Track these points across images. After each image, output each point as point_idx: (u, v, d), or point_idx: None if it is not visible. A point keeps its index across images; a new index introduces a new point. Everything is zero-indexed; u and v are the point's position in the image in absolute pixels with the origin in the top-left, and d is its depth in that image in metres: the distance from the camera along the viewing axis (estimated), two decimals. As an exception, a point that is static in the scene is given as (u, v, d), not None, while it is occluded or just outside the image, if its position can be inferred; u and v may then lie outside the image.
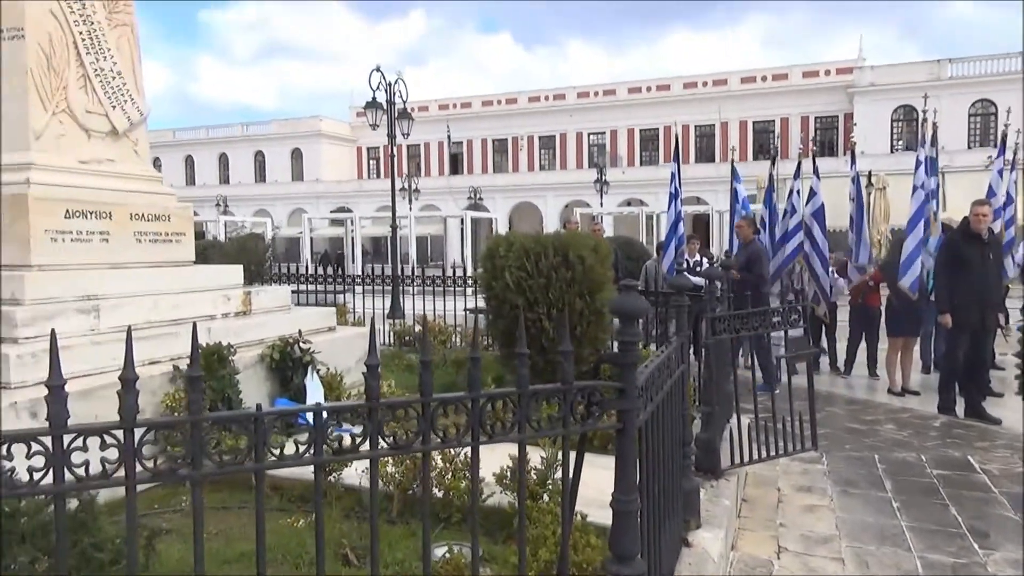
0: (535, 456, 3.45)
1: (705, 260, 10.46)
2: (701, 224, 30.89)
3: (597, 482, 2.84)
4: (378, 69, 17.32)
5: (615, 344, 2.35)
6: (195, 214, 6.81)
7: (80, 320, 4.72)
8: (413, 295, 11.63)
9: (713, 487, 4.52)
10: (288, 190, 54.05)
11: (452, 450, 3.77)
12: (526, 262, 6.18)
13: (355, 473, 3.85)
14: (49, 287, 4.73)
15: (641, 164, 49.40)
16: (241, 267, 6.71)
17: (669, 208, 10.90)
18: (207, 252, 9.96)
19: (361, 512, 3.89)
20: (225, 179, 58.16)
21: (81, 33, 5.23)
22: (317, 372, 5.70)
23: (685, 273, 9.41)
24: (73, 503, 2.74)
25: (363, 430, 2.01)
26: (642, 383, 2.38)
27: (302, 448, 1.97)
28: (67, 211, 5.02)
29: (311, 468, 1.96)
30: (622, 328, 2.26)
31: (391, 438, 2.02)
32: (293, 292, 8.40)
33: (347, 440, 1.99)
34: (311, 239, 27.96)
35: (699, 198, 35.38)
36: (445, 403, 2.05)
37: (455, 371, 7.76)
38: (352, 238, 25.85)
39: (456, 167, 54.51)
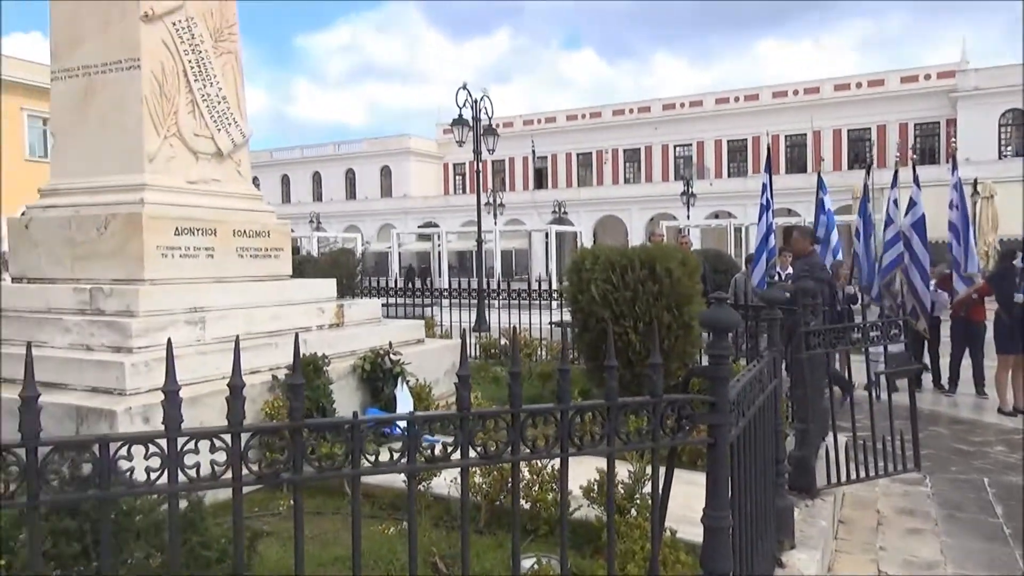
0: (623, 470, 3.43)
1: (798, 273, 10.14)
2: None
3: (686, 498, 2.80)
4: (464, 87, 17.66)
5: (703, 358, 2.33)
6: (291, 230, 7.09)
7: (187, 331, 4.98)
8: (498, 308, 11.75)
9: (808, 507, 4.38)
10: (377, 206, 55.50)
11: (539, 462, 3.79)
12: (612, 275, 6.15)
13: (444, 483, 3.91)
14: (160, 300, 5.02)
15: (729, 175, 48.38)
16: (334, 281, 6.94)
17: (760, 220, 10.64)
18: (302, 267, 10.33)
19: (450, 521, 3.94)
20: (318, 196, 60.23)
21: (190, 61, 5.56)
22: (407, 383, 5.83)
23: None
24: (182, 503, 2.89)
25: (455, 439, 2.07)
26: (734, 397, 2.34)
27: (396, 455, 2.04)
28: (177, 228, 5.33)
29: (401, 477, 2.02)
30: (713, 341, 2.24)
31: (481, 448, 2.07)
32: (382, 305, 8.62)
33: (438, 450, 2.04)
34: (399, 254, 28.62)
35: (790, 209, 34.35)
36: (534, 414, 2.07)
37: (541, 384, 7.79)
38: (439, 252, 26.31)
39: (540, 181, 54.76)
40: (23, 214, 5.84)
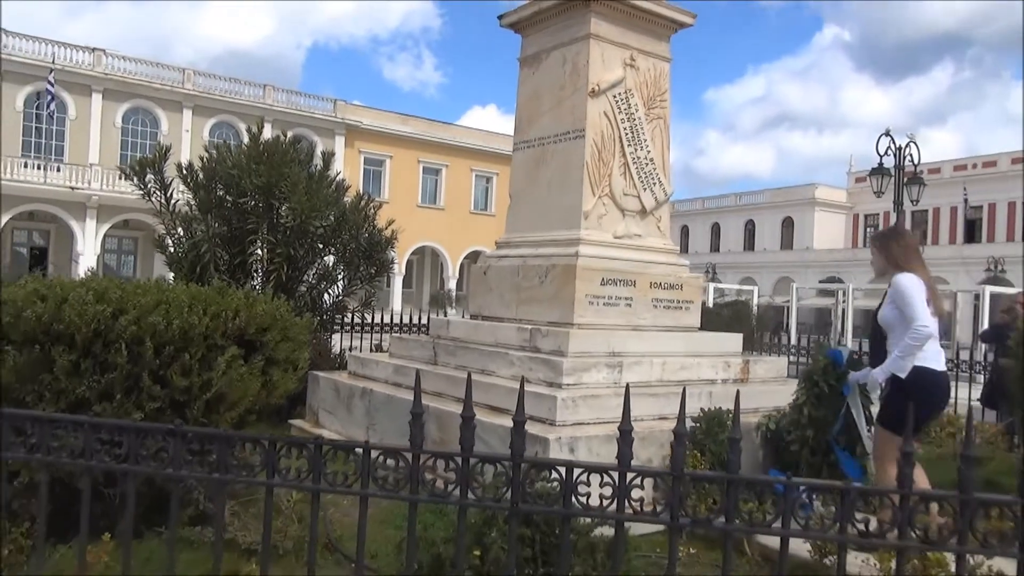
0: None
1: None
2: None
3: None
4: (887, 133, 16.44)
5: None
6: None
7: (606, 374, 5.47)
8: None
9: None
10: (775, 258, 53.82)
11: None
12: (1077, 354, 5.22)
13: (855, 561, 3.70)
14: (585, 343, 5.61)
15: None
16: (740, 336, 6.98)
17: None
18: (703, 318, 10.54)
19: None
20: (715, 247, 60.53)
21: (625, 128, 6.19)
22: (812, 449, 5.60)
23: None
24: (603, 530, 3.21)
25: (892, 518, 2.07)
26: None
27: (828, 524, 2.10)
28: (603, 279, 5.92)
29: (807, 547, 2.05)
30: None
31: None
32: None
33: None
34: (796, 309, 27.33)
35: None
36: (927, 499, 2.04)
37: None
38: (842, 310, 24.49)
39: (972, 235, 47.84)
40: (480, 262, 7.01)
